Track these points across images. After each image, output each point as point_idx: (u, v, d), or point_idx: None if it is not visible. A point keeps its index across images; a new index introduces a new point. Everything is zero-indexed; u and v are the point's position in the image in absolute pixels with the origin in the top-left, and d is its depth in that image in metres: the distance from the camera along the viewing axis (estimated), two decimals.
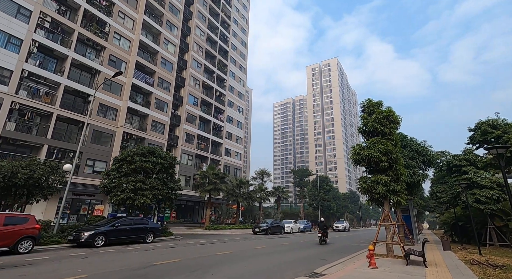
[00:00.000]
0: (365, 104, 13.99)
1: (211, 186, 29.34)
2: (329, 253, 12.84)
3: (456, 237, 23.76)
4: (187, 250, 12.16)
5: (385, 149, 11.89)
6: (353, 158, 12.70)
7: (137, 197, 14.95)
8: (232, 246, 14.43)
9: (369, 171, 12.98)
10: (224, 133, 46.40)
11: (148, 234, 14.42)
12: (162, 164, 16.53)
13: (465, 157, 19.20)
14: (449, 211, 25.44)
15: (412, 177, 17.02)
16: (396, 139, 12.80)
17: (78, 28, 27.08)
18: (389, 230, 11.81)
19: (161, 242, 15.02)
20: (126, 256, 10.00)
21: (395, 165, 12.02)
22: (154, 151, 16.95)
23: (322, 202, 44.47)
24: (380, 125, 12.58)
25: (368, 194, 12.29)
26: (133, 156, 15.85)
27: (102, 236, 12.23)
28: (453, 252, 14.25)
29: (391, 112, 12.92)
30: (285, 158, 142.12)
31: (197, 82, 42.21)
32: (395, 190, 11.76)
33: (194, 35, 42.67)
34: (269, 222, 26.49)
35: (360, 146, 12.81)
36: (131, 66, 31.92)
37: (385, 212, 11.91)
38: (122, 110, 30.29)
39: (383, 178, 11.75)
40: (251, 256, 10.86)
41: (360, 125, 13.62)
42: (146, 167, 15.58)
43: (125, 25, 32.39)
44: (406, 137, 19.28)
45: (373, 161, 12.01)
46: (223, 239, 18.72)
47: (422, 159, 18.13)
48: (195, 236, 20.08)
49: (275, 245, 15.82)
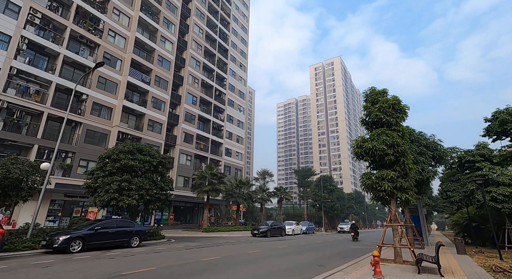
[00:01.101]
0: (368, 93, 12.70)
1: (209, 187, 28.19)
2: (330, 258, 11.54)
3: (469, 239, 22.18)
4: (171, 255, 10.99)
5: (390, 141, 10.58)
6: (355, 151, 11.41)
7: (122, 197, 13.83)
8: (224, 250, 13.23)
9: (373, 167, 11.67)
10: (224, 133, 45.30)
11: (134, 237, 13.28)
12: (151, 163, 15.39)
13: (478, 152, 17.68)
14: (461, 211, 23.86)
15: (421, 174, 15.62)
16: (403, 130, 11.47)
17: (71, 25, 26.29)
18: (396, 232, 10.48)
19: (148, 246, 13.87)
20: (98, 263, 8.87)
21: (402, 159, 10.70)
22: (143, 148, 15.84)
23: (325, 202, 42.90)
24: (385, 115, 11.27)
25: (373, 192, 10.98)
26: (118, 153, 14.75)
27: (79, 241, 11.11)
28: (469, 257, 12.82)
29: (397, 100, 11.60)
30: (289, 158, 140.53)
31: (195, 80, 41.22)
32: (402, 187, 10.43)
33: (192, 33, 41.75)
34: (269, 224, 25.21)
35: (363, 139, 11.51)
36: (127, 64, 31.06)
37: (392, 212, 10.58)
38: (117, 109, 29.40)
39: (389, 174, 10.44)
40: (239, 263, 9.64)
41: (362, 116, 12.32)
42: (132, 165, 14.45)
43: (120, 22, 31.57)
44: (413, 131, 17.88)
45: (377, 154, 10.70)
46: (218, 242, 17.52)
47: (432, 154, 16.70)
48: (189, 239, 18.92)
49: (271, 248, 14.56)
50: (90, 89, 27.30)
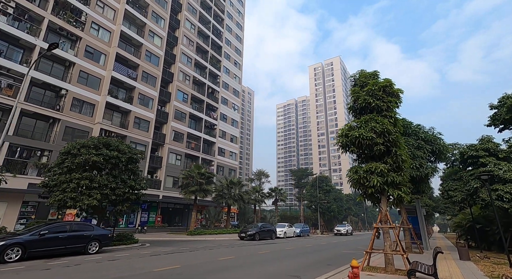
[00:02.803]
0: (356, 77, 11.12)
1: (196, 187, 26.60)
2: (311, 267, 9.92)
3: (473, 242, 20.48)
4: (124, 265, 9.40)
5: (380, 128, 9.00)
6: (340, 141, 9.83)
7: (81, 197, 12.25)
8: (192, 257, 11.64)
9: (362, 159, 10.09)
10: (217, 132, 43.77)
11: (92, 243, 11.67)
12: (119, 159, 13.82)
13: (482, 146, 16.01)
14: (463, 212, 22.14)
15: (419, 170, 14.00)
16: (396, 117, 9.88)
17: (49, 16, 24.91)
18: (388, 236, 8.86)
19: (109, 253, 12.25)
20: (22, 277, 7.30)
21: (394, 149, 9.12)
22: (111, 143, 14.27)
23: (321, 203, 41.06)
24: (375, 99, 9.71)
25: (360, 188, 9.39)
26: (80, 148, 13.19)
27: (18, 248, 9.53)
28: (474, 263, 11.17)
29: (388, 82, 10.04)
30: (288, 160, 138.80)
31: (187, 77, 39.77)
32: (394, 182, 8.84)
33: (183, 28, 40.36)
34: (259, 226, 23.58)
35: (349, 126, 9.93)
36: (111, 59, 29.63)
37: (382, 212, 8.98)
38: (100, 105, 27.94)
39: (378, 166, 8.86)
40: (197, 275, 8.04)
41: (350, 102, 10.73)
42: (95, 161, 12.86)
43: (105, 15, 30.19)
44: (410, 124, 16.26)
45: (365, 144, 9.13)
46: (196, 246, 15.92)
47: (431, 148, 15.06)
48: (166, 243, 17.32)
49: (249, 254, 12.91)
50: (70, 84, 25.87)
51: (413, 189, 15.29)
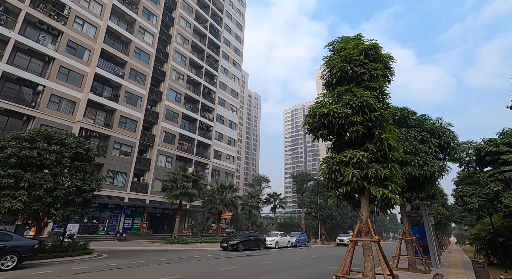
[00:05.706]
0: (335, 44, 8.64)
1: (180, 191, 24.33)
2: None
3: (494, 258, 17.18)
4: None
5: (358, 101, 6.47)
6: (307, 122, 7.32)
7: (3, 199, 10.04)
8: (129, 275, 9.23)
9: (338, 148, 7.52)
10: (213, 134, 41.63)
11: (7, 256, 9.36)
12: (62, 154, 11.67)
13: (504, 140, 13.07)
14: (482, 222, 18.88)
15: (422, 167, 11.20)
16: (383, 91, 7.31)
17: (26, 8, 23.65)
18: (370, 253, 6.22)
19: (31, 268, 9.83)
20: None
21: (377, 132, 6.54)
22: (54, 136, 12.18)
23: (322, 210, 37.80)
24: (353, 66, 7.19)
25: (333, 186, 6.82)
26: (10, 141, 11.10)
27: None
28: None
29: (374, 45, 7.54)
30: (296, 166, 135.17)
31: (180, 76, 38.02)
32: (378, 177, 6.24)
33: (178, 26, 38.84)
34: (245, 235, 20.98)
35: (320, 104, 7.43)
36: (96, 55, 28.15)
37: (362, 219, 6.37)
38: (81, 103, 26.32)
39: (355, 155, 6.29)
40: None
41: (323, 73, 8.21)
42: (26, 156, 10.71)
43: (91, 9, 28.89)
44: (413, 113, 13.46)
45: (337, 124, 6.59)
46: (158, 259, 13.52)
47: (438, 142, 12.25)
48: (131, 254, 15.03)
49: (206, 272, 10.35)
50: (49, 79, 24.41)
51: (417, 192, 12.50)
